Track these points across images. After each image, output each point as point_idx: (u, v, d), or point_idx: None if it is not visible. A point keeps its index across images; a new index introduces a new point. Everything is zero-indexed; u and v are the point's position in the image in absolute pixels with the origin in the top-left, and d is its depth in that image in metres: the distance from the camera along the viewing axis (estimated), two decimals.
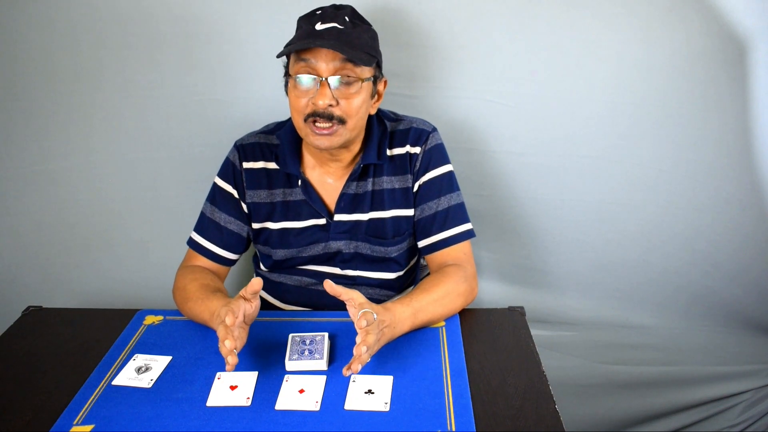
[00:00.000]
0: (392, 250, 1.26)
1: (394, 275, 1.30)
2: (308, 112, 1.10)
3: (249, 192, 1.24)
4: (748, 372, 1.72)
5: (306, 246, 1.25)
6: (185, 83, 1.45)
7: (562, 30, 1.38)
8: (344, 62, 1.08)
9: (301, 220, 1.24)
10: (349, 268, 1.28)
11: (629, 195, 1.52)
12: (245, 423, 0.90)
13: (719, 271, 1.60)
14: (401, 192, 1.24)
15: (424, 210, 1.24)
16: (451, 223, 1.24)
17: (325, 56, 1.08)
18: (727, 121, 1.41)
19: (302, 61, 1.09)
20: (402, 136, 1.25)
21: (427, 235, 1.25)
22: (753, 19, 1.30)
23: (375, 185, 1.24)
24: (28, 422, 0.92)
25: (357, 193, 1.23)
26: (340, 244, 1.25)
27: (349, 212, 1.24)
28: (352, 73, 1.09)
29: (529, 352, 1.05)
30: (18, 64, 1.41)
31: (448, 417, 0.89)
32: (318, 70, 1.08)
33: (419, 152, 1.24)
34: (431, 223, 1.24)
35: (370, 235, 1.25)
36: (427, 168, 1.24)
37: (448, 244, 1.23)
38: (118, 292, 1.62)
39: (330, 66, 1.08)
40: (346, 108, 1.10)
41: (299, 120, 1.13)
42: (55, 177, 1.51)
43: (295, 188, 1.24)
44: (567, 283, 1.67)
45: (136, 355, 1.06)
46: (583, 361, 1.74)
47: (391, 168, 1.24)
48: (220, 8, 1.39)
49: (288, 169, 1.22)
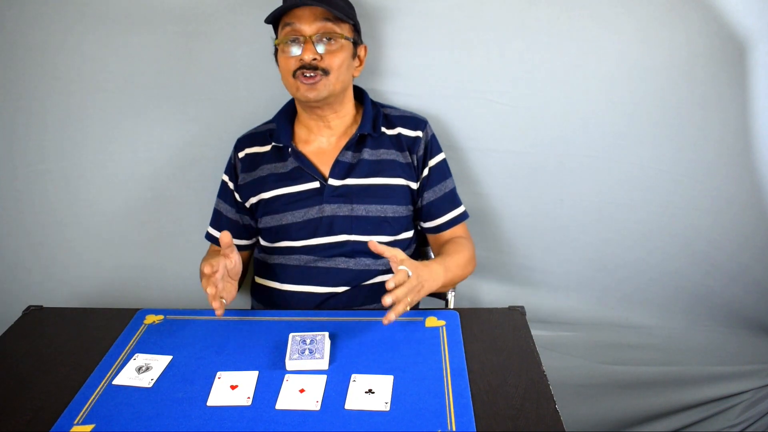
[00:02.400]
0: (388, 209, 1.31)
1: (387, 239, 1.32)
2: (295, 67, 1.22)
3: (242, 175, 1.35)
4: (748, 372, 1.72)
5: (300, 209, 1.30)
6: (185, 83, 1.45)
7: (562, 30, 1.38)
8: (324, 21, 1.21)
9: (294, 185, 1.31)
10: (343, 232, 1.30)
11: (629, 195, 1.52)
12: (245, 423, 0.90)
13: (719, 271, 1.60)
14: (401, 165, 1.33)
15: (434, 192, 1.36)
16: (452, 205, 1.38)
17: (307, 18, 1.21)
18: (727, 121, 1.41)
19: (287, 26, 1.22)
20: (399, 120, 1.36)
21: (437, 216, 1.37)
22: (753, 19, 1.30)
23: (372, 155, 1.32)
24: (28, 422, 0.92)
25: (352, 162, 1.31)
26: (334, 207, 1.29)
27: (344, 177, 1.30)
28: (332, 30, 1.22)
29: (529, 352, 1.05)
30: (18, 64, 1.41)
31: (448, 417, 0.89)
32: (302, 30, 1.22)
33: (421, 136, 1.34)
34: (438, 206, 1.36)
35: (366, 195, 1.29)
36: (431, 153, 1.36)
37: (453, 224, 1.38)
38: (118, 292, 1.62)
39: (312, 26, 1.21)
40: (329, 61, 1.23)
41: (288, 78, 1.24)
42: (55, 177, 1.51)
43: (287, 160, 1.32)
44: (567, 283, 1.67)
45: (137, 354, 1.06)
46: (583, 361, 1.74)
47: (389, 143, 1.34)
48: (220, 8, 1.39)
49: (280, 141, 1.32)
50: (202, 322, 1.16)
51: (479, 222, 1.57)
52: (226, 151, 1.37)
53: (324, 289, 1.30)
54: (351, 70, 1.30)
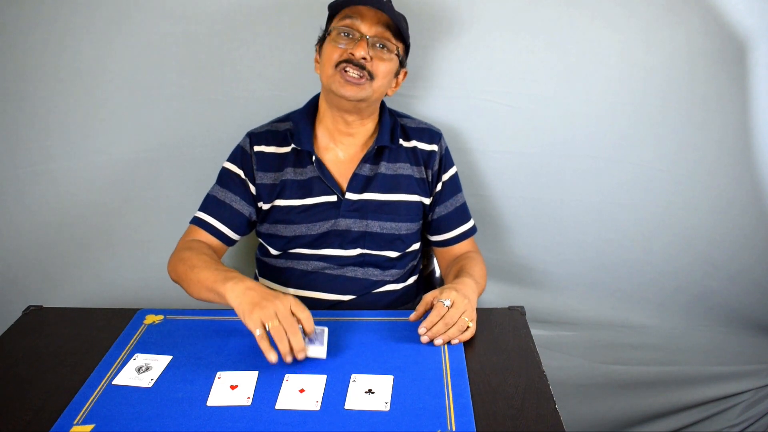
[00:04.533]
0: (402, 227, 1.30)
1: (396, 254, 1.32)
2: (341, 59, 1.18)
3: (259, 173, 1.28)
4: (748, 372, 1.72)
5: (315, 223, 1.27)
6: (185, 83, 1.45)
7: (562, 30, 1.38)
8: (385, 29, 1.19)
9: (311, 197, 1.28)
10: (355, 246, 1.29)
11: (629, 195, 1.52)
12: (245, 423, 0.90)
13: (719, 271, 1.60)
14: (417, 180, 1.31)
15: (446, 206, 1.35)
16: (463, 220, 1.38)
17: (371, 18, 1.18)
18: (727, 121, 1.41)
19: (348, 18, 1.19)
20: (414, 133, 1.34)
21: (446, 230, 1.36)
22: (753, 19, 1.30)
23: (389, 169, 1.30)
24: (28, 422, 0.92)
25: (369, 175, 1.29)
26: (349, 221, 1.28)
27: (361, 191, 1.28)
28: (389, 40, 1.20)
29: (529, 352, 1.05)
30: (18, 64, 1.41)
31: (448, 417, 0.89)
32: (360, 28, 1.18)
33: (437, 150, 1.33)
34: (452, 219, 1.36)
35: (382, 212, 1.28)
36: (446, 167, 1.35)
37: (463, 238, 1.37)
38: (118, 291, 1.62)
39: (372, 28, 1.18)
40: (376, 67, 1.19)
41: (329, 68, 1.20)
42: (55, 177, 1.51)
43: (306, 167, 1.28)
44: (567, 283, 1.67)
45: (137, 354, 1.06)
46: (583, 361, 1.74)
47: (406, 156, 1.31)
48: (220, 8, 1.39)
49: (302, 146, 1.26)
50: (202, 322, 1.16)
51: (480, 222, 1.56)
52: (225, 151, 1.37)
53: (331, 296, 1.30)
54: (388, 86, 1.26)
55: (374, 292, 1.32)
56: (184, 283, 1.20)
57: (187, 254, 1.22)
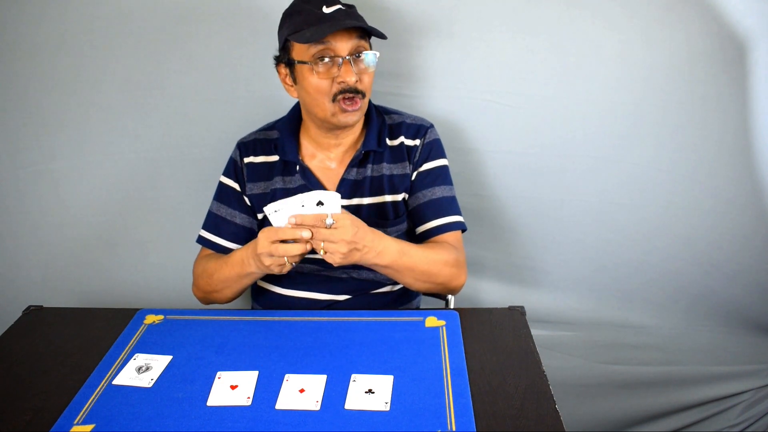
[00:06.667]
0: (392, 231, 1.28)
1: None
2: (336, 91, 1.15)
3: (249, 185, 1.29)
4: (748, 372, 1.72)
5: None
6: (185, 83, 1.45)
7: (562, 30, 1.38)
8: (359, 39, 1.15)
9: None
10: None
11: (629, 195, 1.52)
12: (245, 423, 0.90)
13: (719, 271, 1.59)
14: (399, 178, 1.28)
15: (418, 197, 1.29)
16: (445, 213, 1.28)
17: (341, 37, 1.13)
18: (727, 121, 1.41)
19: (321, 44, 1.13)
20: (401, 129, 1.30)
21: (422, 222, 1.29)
22: (753, 19, 1.30)
23: (374, 171, 1.28)
24: (28, 422, 0.92)
25: (357, 179, 1.27)
26: None
27: (350, 197, 1.27)
28: (365, 47, 1.17)
29: (529, 352, 1.05)
30: (18, 64, 1.41)
31: (448, 417, 0.89)
32: (337, 50, 1.14)
33: (419, 144, 1.29)
34: (425, 211, 1.28)
35: (371, 216, 1.27)
36: (426, 159, 1.29)
37: (441, 231, 1.27)
38: (118, 292, 1.62)
39: (347, 45, 1.14)
40: (365, 84, 1.18)
41: (325, 101, 1.17)
42: (55, 177, 1.51)
43: (294, 175, 1.28)
44: (567, 283, 1.67)
45: (137, 354, 1.06)
46: (583, 361, 1.74)
47: (390, 156, 1.28)
48: (220, 8, 1.39)
49: (287, 156, 1.26)
50: (202, 322, 1.16)
51: (480, 222, 1.57)
52: (225, 151, 1.37)
53: (326, 296, 1.30)
54: None
55: (371, 293, 1.32)
56: (215, 294, 1.26)
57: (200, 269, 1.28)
